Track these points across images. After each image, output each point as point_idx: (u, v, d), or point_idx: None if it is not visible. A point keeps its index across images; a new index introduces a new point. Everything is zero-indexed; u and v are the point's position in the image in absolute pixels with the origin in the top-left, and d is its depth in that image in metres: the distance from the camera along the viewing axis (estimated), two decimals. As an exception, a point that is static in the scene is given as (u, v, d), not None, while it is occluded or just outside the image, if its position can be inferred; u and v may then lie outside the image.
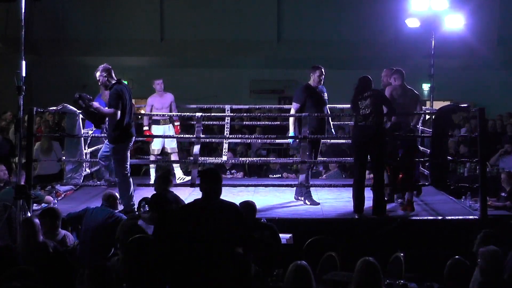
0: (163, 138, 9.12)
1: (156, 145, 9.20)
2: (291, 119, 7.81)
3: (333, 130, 8.33)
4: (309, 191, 7.82)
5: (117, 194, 6.72)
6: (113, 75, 6.96)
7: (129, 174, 7.05)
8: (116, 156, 6.98)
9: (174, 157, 9.27)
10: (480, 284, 4.32)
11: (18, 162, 6.69)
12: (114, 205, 6.58)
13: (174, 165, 9.37)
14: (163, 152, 9.44)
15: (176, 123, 9.36)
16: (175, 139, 9.28)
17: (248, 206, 6.10)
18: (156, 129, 9.14)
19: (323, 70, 7.81)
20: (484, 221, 6.82)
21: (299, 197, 7.95)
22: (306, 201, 7.78)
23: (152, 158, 9.22)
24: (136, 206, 6.86)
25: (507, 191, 7.68)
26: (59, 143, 9.43)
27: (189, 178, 9.09)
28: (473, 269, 4.52)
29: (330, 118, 8.17)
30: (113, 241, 6.01)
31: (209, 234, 4.19)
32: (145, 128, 9.19)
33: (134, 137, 7.16)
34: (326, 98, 7.92)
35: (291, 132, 7.83)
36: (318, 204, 7.74)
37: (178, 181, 9.12)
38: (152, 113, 9.08)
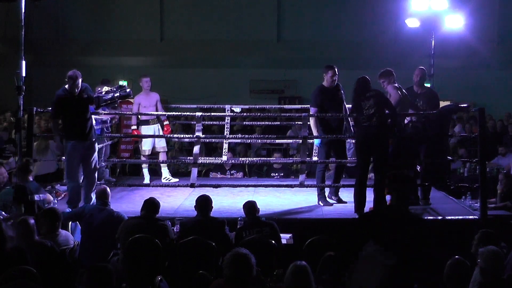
0: (155, 138, 9.08)
1: (147, 146, 9.14)
2: (312, 123, 7.64)
3: (351, 128, 7.95)
4: (322, 192, 7.72)
5: (109, 190, 6.60)
6: None
7: None
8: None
9: (163, 156, 9.22)
10: (480, 284, 4.32)
11: (18, 162, 6.69)
12: (107, 201, 6.49)
13: (162, 164, 9.34)
14: (153, 152, 9.42)
15: (165, 122, 9.32)
16: (163, 138, 9.30)
17: (249, 204, 6.16)
18: (146, 129, 9.06)
19: (336, 70, 7.60)
20: (484, 221, 6.81)
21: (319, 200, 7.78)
22: (320, 202, 7.67)
23: (143, 159, 9.20)
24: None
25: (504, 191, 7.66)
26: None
27: (176, 180, 9.18)
28: (473, 269, 4.52)
29: (348, 116, 7.88)
30: (114, 241, 6.00)
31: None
32: (133, 127, 9.13)
33: None
34: (343, 95, 7.77)
35: (315, 134, 7.66)
36: (332, 205, 7.62)
37: (163, 181, 9.13)
38: (144, 112, 9.00)
